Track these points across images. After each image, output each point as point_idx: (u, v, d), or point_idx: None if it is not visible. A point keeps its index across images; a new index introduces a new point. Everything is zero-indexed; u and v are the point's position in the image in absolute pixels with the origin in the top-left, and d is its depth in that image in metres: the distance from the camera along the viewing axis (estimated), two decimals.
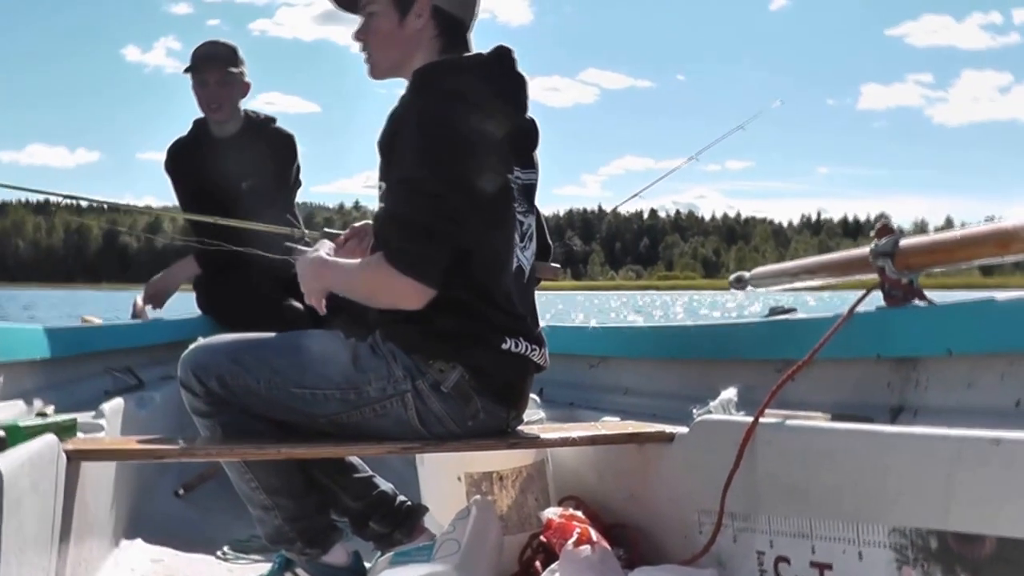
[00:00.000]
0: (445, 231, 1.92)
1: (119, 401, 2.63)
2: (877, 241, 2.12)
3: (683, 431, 2.08)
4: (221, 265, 3.76)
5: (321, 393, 2.01)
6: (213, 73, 3.75)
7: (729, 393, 2.15)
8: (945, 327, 1.96)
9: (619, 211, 5.31)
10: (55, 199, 3.88)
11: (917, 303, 2.07)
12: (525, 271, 2.11)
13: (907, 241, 2.08)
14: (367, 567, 2.23)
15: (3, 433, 1.71)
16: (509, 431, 2.13)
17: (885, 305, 2.11)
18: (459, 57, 2.07)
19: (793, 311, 2.59)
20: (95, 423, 2.32)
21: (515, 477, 2.30)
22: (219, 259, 3.66)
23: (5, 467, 1.49)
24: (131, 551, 2.53)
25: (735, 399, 2.13)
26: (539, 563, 2.14)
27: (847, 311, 2.03)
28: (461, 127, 1.95)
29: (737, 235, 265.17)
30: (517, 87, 2.08)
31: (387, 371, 2.00)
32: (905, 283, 2.08)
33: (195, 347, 2.09)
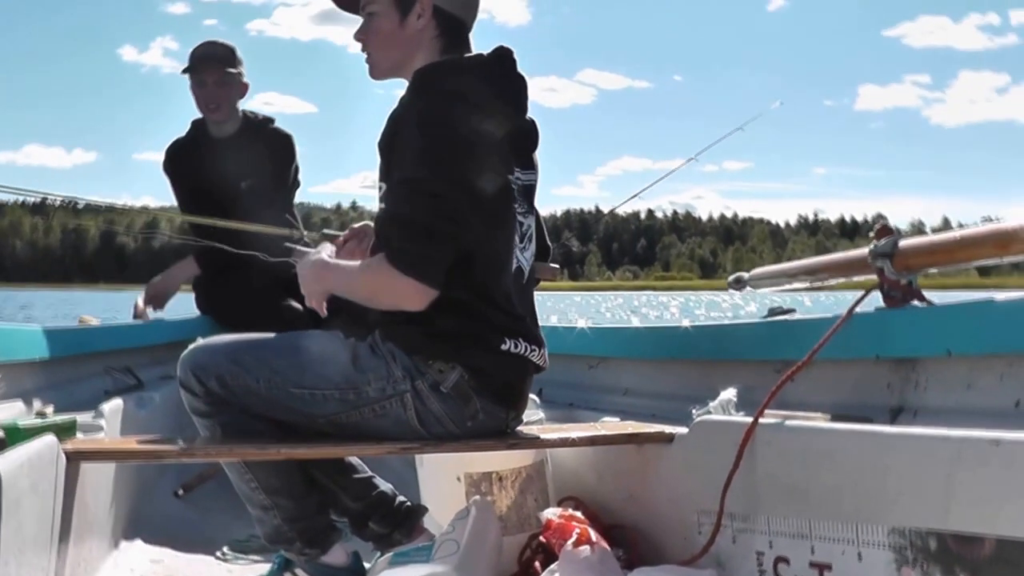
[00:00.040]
0: (446, 231, 1.92)
1: (118, 401, 2.63)
2: (876, 242, 2.12)
3: (682, 432, 2.08)
4: (221, 266, 3.76)
5: (320, 393, 2.01)
6: (211, 74, 3.75)
7: (728, 394, 2.14)
8: (944, 328, 1.96)
9: (616, 211, 5.30)
10: (52, 200, 3.87)
11: (916, 304, 2.07)
12: (525, 272, 2.11)
13: (906, 242, 2.08)
14: (366, 567, 2.22)
15: (2, 433, 1.72)
16: (508, 432, 2.12)
17: (884, 306, 2.11)
18: (460, 58, 2.07)
19: (792, 312, 2.59)
20: (94, 423, 2.32)
21: (514, 478, 2.30)
22: (219, 260, 3.65)
23: (4, 467, 1.49)
24: (130, 551, 2.52)
25: (734, 400, 2.13)
26: (538, 563, 2.13)
27: (846, 312, 2.03)
28: (461, 127, 1.95)
29: (734, 236, 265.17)
30: (518, 88, 2.08)
31: (386, 371, 2.00)
32: (904, 284, 2.08)
33: (194, 347, 2.09)
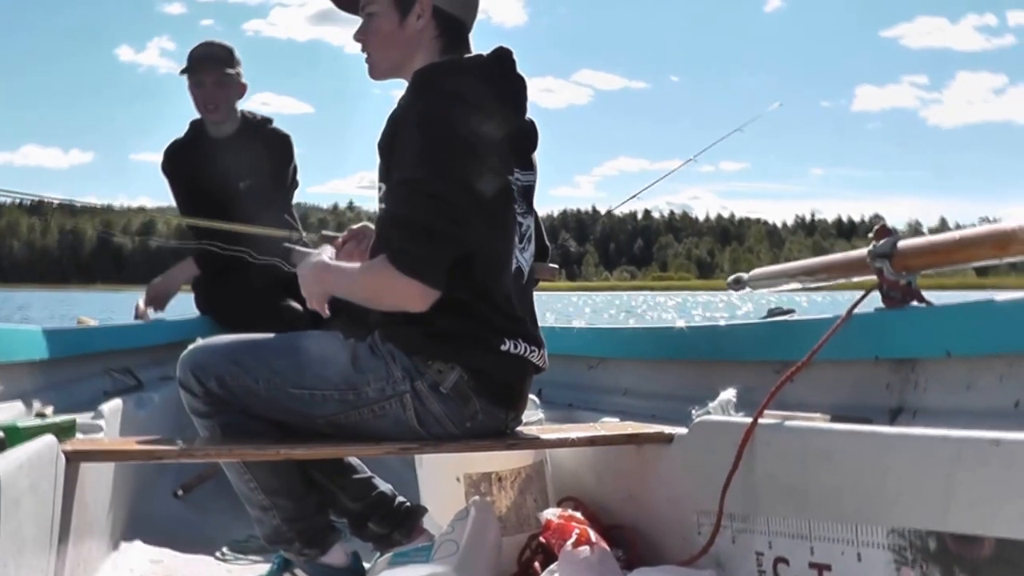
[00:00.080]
0: (447, 232, 1.92)
1: (118, 402, 2.62)
2: (875, 243, 2.11)
3: (682, 432, 2.08)
4: (220, 266, 3.76)
5: (320, 394, 2.01)
6: (210, 74, 3.75)
7: (728, 394, 2.14)
8: (944, 328, 1.96)
9: (613, 212, 5.31)
10: (49, 202, 3.87)
11: (915, 304, 2.07)
12: (524, 272, 2.11)
13: (905, 242, 2.08)
14: (366, 568, 2.22)
15: (2, 434, 1.71)
16: (508, 432, 2.12)
17: (883, 306, 2.11)
18: (459, 58, 2.07)
19: (792, 312, 2.59)
20: (94, 424, 2.32)
21: (514, 478, 2.30)
22: (218, 260, 3.65)
23: (4, 468, 1.49)
24: (130, 552, 2.52)
25: (734, 400, 2.13)
26: (538, 564, 2.13)
27: (846, 312, 2.03)
28: (461, 128, 1.95)
29: (731, 236, 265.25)
30: (517, 89, 2.09)
31: (386, 372, 2.00)
32: (903, 284, 2.08)
33: (194, 348, 2.09)
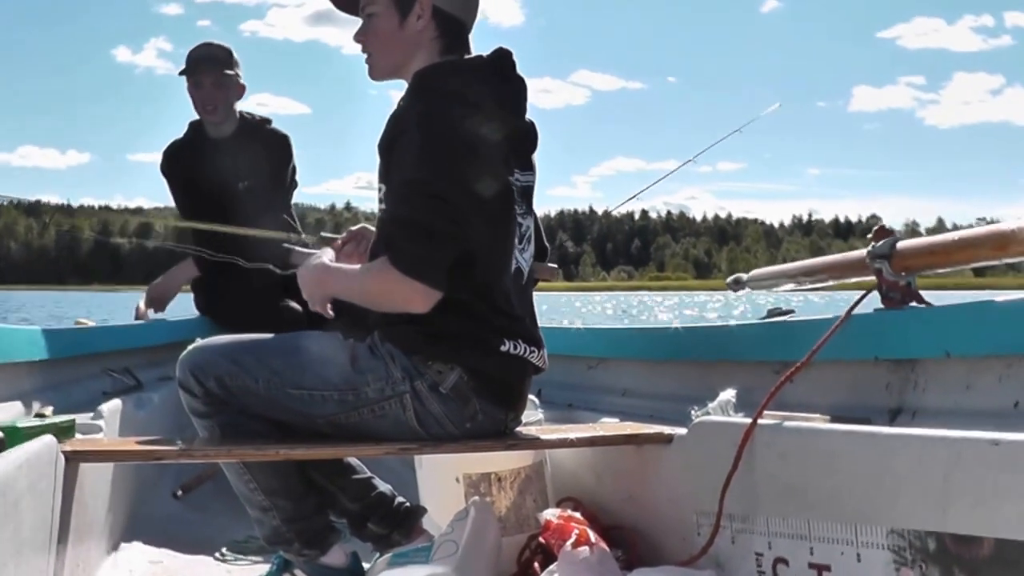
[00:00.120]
0: (448, 233, 1.92)
1: (117, 402, 2.62)
2: (874, 243, 2.12)
3: (681, 432, 2.08)
4: (220, 267, 3.76)
5: (319, 394, 2.01)
6: (208, 75, 3.75)
7: (727, 394, 2.14)
8: (943, 329, 1.96)
9: (612, 213, 5.30)
10: (49, 205, 3.88)
11: (915, 305, 2.07)
12: (524, 273, 2.11)
13: (905, 243, 2.08)
14: (365, 568, 2.22)
15: (1, 434, 1.71)
16: (507, 432, 2.12)
17: (883, 307, 2.11)
18: (459, 59, 2.07)
19: (791, 312, 2.59)
20: (93, 424, 2.32)
21: (513, 478, 2.30)
22: (218, 260, 3.65)
23: (3, 468, 1.49)
24: (129, 552, 2.52)
25: (733, 400, 2.13)
26: (537, 564, 2.13)
27: (845, 313, 2.03)
28: (461, 129, 1.95)
29: (728, 236, 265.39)
30: (517, 89, 2.09)
31: (385, 372, 2.00)
32: (903, 285, 2.09)
33: (193, 348, 2.09)
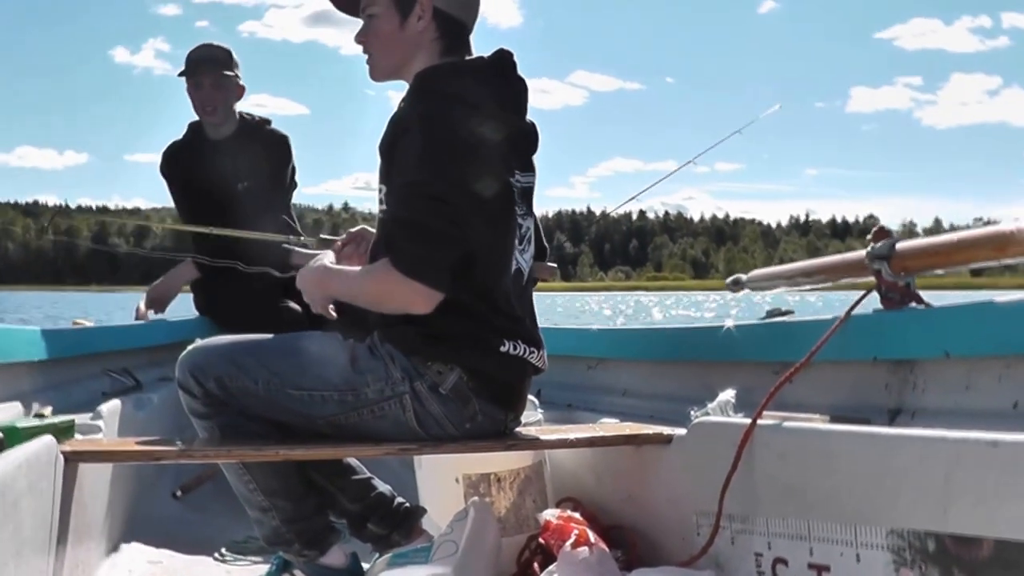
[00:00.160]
0: (450, 234, 1.92)
1: (117, 403, 2.62)
2: (873, 244, 2.12)
3: (681, 433, 2.08)
4: (219, 268, 3.75)
5: (319, 395, 2.01)
6: (208, 76, 3.75)
7: (727, 395, 2.15)
8: (942, 329, 1.96)
9: (611, 214, 5.30)
10: (47, 208, 3.87)
11: (914, 306, 2.08)
12: (524, 273, 2.11)
13: (904, 244, 2.09)
14: (365, 568, 2.22)
15: (1, 434, 1.71)
16: (507, 433, 2.12)
17: (882, 307, 2.11)
18: (460, 61, 2.07)
19: (790, 313, 2.59)
20: (93, 424, 2.31)
21: (513, 479, 2.30)
22: (217, 261, 3.65)
23: (3, 469, 1.49)
24: (129, 553, 2.52)
25: (733, 401, 2.13)
26: (537, 565, 2.13)
27: (844, 313, 2.04)
28: (462, 130, 1.95)
29: (726, 236, 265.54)
30: (518, 91, 2.08)
31: (385, 373, 1.99)
32: (902, 286, 2.09)
33: (193, 348, 2.08)
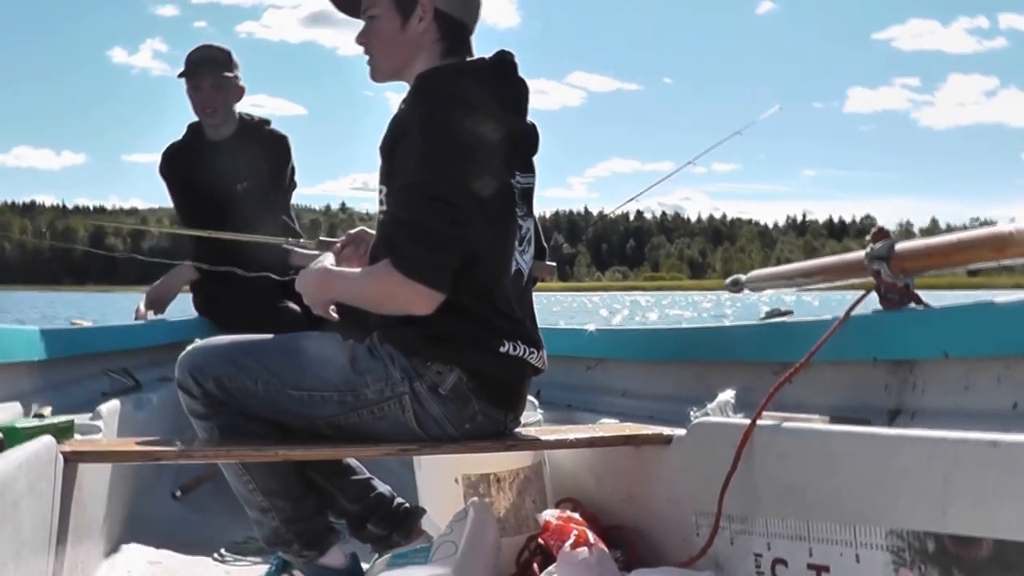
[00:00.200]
0: (451, 235, 1.92)
1: (116, 403, 2.61)
2: (872, 245, 2.13)
3: (680, 433, 2.08)
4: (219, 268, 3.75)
5: (319, 395, 2.01)
6: (207, 78, 3.75)
7: (726, 395, 2.15)
8: (941, 330, 1.96)
9: (609, 215, 5.30)
10: (43, 205, 3.87)
11: (913, 306, 2.08)
12: (524, 274, 2.11)
13: (903, 245, 2.09)
14: (364, 569, 2.22)
15: (0, 435, 1.71)
16: (506, 433, 2.12)
17: (881, 308, 2.12)
18: (461, 62, 2.07)
19: (790, 313, 2.59)
20: (92, 425, 2.31)
21: (512, 479, 2.30)
22: (217, 261, 3.65)
23: (2, 469, 1.49)
24: (128, 553, 2.52)
25: (732, 401, 2.13)
26: (536, 565, 2.13)
27: (844, 314, 2.04)
28: (463, 131, 1.95)
29: (723, 236, 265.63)
30: (518, 92, 2.08)
31: (385, 373, 1.99)
32: (901, 286, 2.09)
33: (192, 349, 2.08)
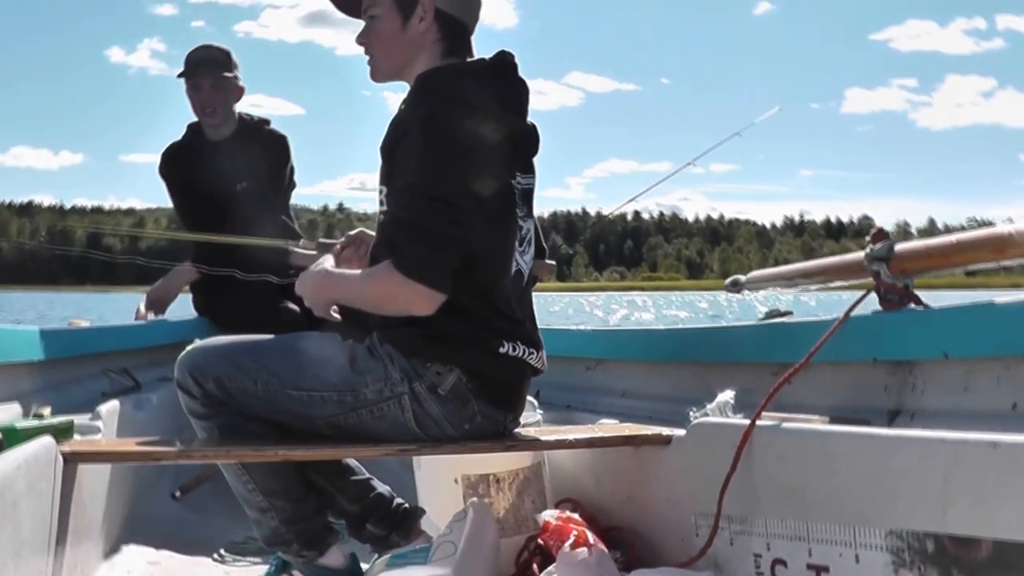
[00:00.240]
0: (452, 235, 1.92)
1: (116, 403, 2.61)
2: (872, 246, 2.13)
3: (680, 434, 2.08)
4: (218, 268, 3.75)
5: (318, 395, 2.00)
6: (207, 78, 3.75)
7: (726, 396, 2.15)
8: (941, 330, 1.97)
9: (602, 212, 5.29)
10: (41, 205, 3.87)
11: (913, 307, 2.08)
12: (524, 275, 2.11)
13: (902, 246, 2.10)
14: (364, 569, 2.22)
15: (0, 435, 1.71)
16: (506, 433, 2.12)
17: (880, 309, 2.12)
18: (461, 63, 2.07)
19: (789, 314, 2.59)
20: (92, 425, 2.30)
21: (512, 479, 2.30)
22: (216, 262, 3.65)
23: (1, 469, 1.49)
24: (128, 553, 2.51)
25: (732, 402, 2.13)
26: (536, 566, 2.13)
27: (843, 314, 2.04)
28: (463, 132, 1.95)
29: (721, 236, 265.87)
30: (518, 92, 2.08)
31: (384, 373, 1.99)
32: (900, 287, 2.10)
33: (192, 349, 2.08)
